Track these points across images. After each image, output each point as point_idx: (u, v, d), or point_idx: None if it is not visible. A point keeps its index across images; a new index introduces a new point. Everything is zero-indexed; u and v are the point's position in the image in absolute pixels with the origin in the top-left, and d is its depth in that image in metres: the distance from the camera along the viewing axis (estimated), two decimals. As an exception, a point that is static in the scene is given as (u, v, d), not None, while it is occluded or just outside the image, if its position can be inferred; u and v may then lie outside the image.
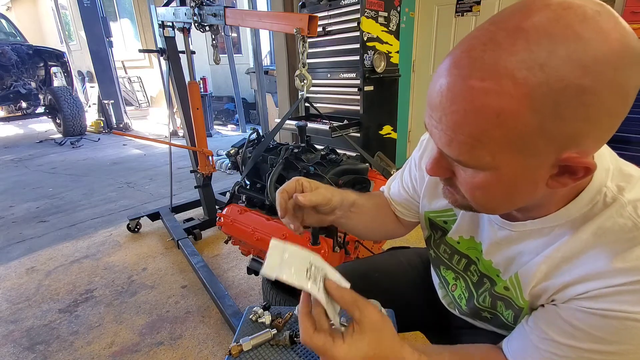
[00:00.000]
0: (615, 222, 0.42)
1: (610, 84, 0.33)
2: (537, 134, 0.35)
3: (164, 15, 1.94)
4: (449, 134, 0.39)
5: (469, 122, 0.37)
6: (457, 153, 0.40)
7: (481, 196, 0.44)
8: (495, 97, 0.34)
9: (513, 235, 0.53)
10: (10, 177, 3.74)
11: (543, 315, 0.47)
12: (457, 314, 0.73)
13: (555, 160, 0.38)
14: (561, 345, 0.44)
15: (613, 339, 0.41)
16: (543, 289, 0.48)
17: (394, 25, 2.28)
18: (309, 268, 0.50)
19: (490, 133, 0.36)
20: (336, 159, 1.30)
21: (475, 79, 0.35)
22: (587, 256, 0.44)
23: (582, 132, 0.35)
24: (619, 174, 0.45)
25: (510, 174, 0.39)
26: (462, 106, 0.36)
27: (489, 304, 0.59)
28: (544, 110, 0.34)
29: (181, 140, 4.51)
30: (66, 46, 7.82)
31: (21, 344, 1.46)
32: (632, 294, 0.39)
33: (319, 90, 2.53)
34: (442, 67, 0.39)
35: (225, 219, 1.41)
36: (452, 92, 0.37)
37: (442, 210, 0.68)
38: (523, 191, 0.42)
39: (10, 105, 6.05)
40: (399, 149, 2.89)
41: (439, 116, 0.39)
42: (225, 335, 1.47)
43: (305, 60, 1.36)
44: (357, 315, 0.46)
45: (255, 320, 0.72)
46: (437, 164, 0.46)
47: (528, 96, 0.33)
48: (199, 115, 2.09)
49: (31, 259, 2.12)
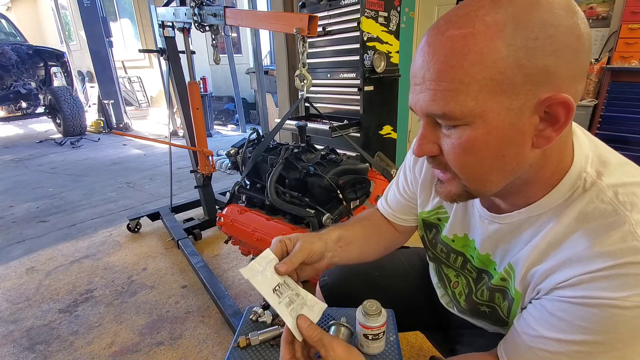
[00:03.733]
0: (597, 207, 0.44)
1: (564, 20, 0.38)
2: (515, 68, 0.38)
3: (164, 15, 1.94)
4: (433, 87, 0.41)
5: (451, 67, 0.39)
6: (442, 104, 0.41)
7: (471, 162, 0.44)
8: (471, 38, 0.38)
9: (503, 228, 0.54)
10: (10, 177, 3.74)
11: (531, 312, 0.48)
12: (456, 312, 0.73)
13: (536, 104, 0.40)
14: (550, 340, 0.44)
15: (597, 328, 0.41)
16: (531, 276, 0.49)
17: (394, 25, 2.27)
18: (282, 284, 0.55)
19: (471, 73, 0.39)
20: (336, 159, 1.30)
21: (452, 29, 0.40)
22: (570, 241, 0.45)
23: (551, 66, 0.38)
24: (597, 160, 0.47)
25: (496, 121, 0.41)
26: (442, 54, 0.40)
27: (487, 297, 0.60)
28: (517, 43, 0.37)
29: (181, 140, 4.51)
30: (66, 46, 7.83)
31: (21, 344, 1.46)
32: (609, 280, 0.40)
33: (319, 90, 2.53)
34: (422, 41, 0.43)
35: (225, 219, 1.41)
36: (433, 46, 0.41)
37: (436, 209, 0.69)
38: (512, 148, 0.43)
39: (10, 105, 6.05)
40: (399, 149, 2.89)
41: (422, 75, 0.42)
42: (225, 335, 1.47)
43: (305, 60, 1.36)
44: (323, 353, 0.50)
45: (256, 320, 0.72)
46: (424, 140, 0.47)
47: (501, 32, 0.37)
48: (199, 115, 2.09)
49: (31, 259, 2.11)
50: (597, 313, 0.40)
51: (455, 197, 0.50)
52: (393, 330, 0.69)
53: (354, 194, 1.26)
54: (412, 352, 1.36)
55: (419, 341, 1.40)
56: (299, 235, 0.63)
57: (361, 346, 0.64)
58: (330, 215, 1.13)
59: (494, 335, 0.66)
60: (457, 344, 0.75)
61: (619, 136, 2.46)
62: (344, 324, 0.64)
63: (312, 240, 0.63)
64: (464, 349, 0.71)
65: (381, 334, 0.62)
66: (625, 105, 2.42)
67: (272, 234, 1.25)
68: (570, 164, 0.47)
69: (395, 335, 0.68)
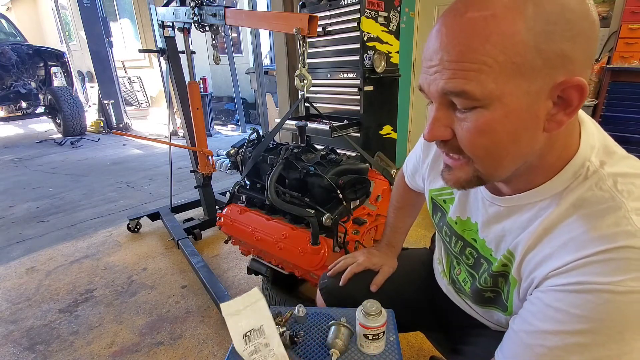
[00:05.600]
0: (594, 193, 0.44)
1: (580, 5, 0.39)
2: (534, 52, 0.38)
3: (164, 15, 1.94)
4: (454, 67, 0.40)
5: (473, 48, 0.39)
6: (463, 82, 0.40)
7: (487, 145, 0.43)
8: (492, 20, 0.38)
9: (502, 211, 0.54)
10: (10, 177, 3.74)
11: (528, 308, 0.48)
12: (464, 299, 0.72)
13: (552, 87, 0.40)
14: (548, 334, 0.43)
15: (591, 316, 0.39)
16: (527, 262, 0.49)
17: (394, 25, 2.27)
18: (256, 330, 0.57)
19: (493, 55, 0.38)
20: (336, 159, 1.30)
21: (472, 11, 0.39)
22: (564, 225, 0.45)
23: (568, 50, 0.38)
24: (603, 151, 0.47)
25: (514, 104, 0.40)
26: (464, 37, 0.39)
27: (491, 283, 0.59)
28: (537, 27, 0.37)
29: (181, 140, 4.51)
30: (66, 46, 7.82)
31: (21, 344, 1.46)
32: (602, 264, 0.39)
33: (319, 90, 2.53)
34: (437, 24, 0.43)
35: (225, 219, 1.41)
36: (452, 28, 0.40)
37: (442, 189, 0.70)
38: (527, 132, 0.42)
39: (10, 105, 6.05)
40: (399, 149, 2.89)
41: (439, 57, 0.41)
42: (225, 335, 1.47)
43: (305, 60, 1.35)
44: None
45: (255, 320, 0.71)
46: (437, 123, 0.46)
47: (521, 15, 0.37)
48: (199, 115, 2.09)
49: (31, 259, 2.12)
50: (591, 299, 0.39)
51: (464, 184, 0.50)
52: (393, 330, 0.69)
53: (354, 194, 1.26)
54: (412, 352, 1.36)
55: (419, 341, 1.40)
56: (382, 262, 0.88)
57: (361, 346, 0.64)
58: (330, 215, 1.13)
59: (498, 333, 0.65)
60: (461, 343, 0.74)
61: (619, 136, 2.46)
62: (344, 324, 0.64)
63: (393, 261, 0.92)
64: (468, 349, 0.71)
65: (381, 334, 0.62)
66: (625, 105, 2.42)
67: (272, 234, 1.25)
68: (575, 152, 0.47)
69: (395, 335, 0.68)
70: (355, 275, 0.85)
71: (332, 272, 0.87)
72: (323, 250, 1.12)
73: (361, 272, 0.86)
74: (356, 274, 0.85)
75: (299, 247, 1.16)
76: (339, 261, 0.89)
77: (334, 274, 0.87)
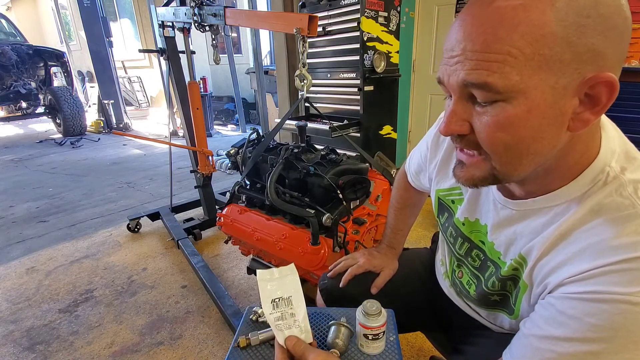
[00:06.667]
0: (614, 200, 0.42)
1: (614, 1, 0.37)
2: (564, 45, 0.36)
3: (164, 15, 1.94)
4: (476, 57, 0.39)
5: (499, 38, 0.37)
6: (485, 74, 0.38)
7: (507, 139, 0.41)
8: (522, 10, 0.36)
9: (514, 214, 0.53)
10: (10, 177, 3.74)
11: (540, 312, 0.47)
12: (466, 302, 0.72)
13: (580, 83, 0.38)
14: (559, 340, 0.42)
15: (606, 325, 0.38)
16: (540, 267, 0.48)
17: (394, 25, 2.27)
18: (284, 298, 0.59)
19: (520, 45, 0.37)
20: (336, 159, 1.30)
21: (501, 1, 0.37)
22: (581, 231, 0.43)
23: (600, 46, 0.37)
24: (624, 157, 0.45)
25: (539, 99, 0.39)
26: (490, 26, 0.38)
27: (499, 286, 0.58)
28: (568, 19, 0.36)
29: (181, 140, 4.51)
30: (66, 46, 7.83)
31: (21, 344, 1.46)
32: (620, 274, 0.38)
33: (319, 90, 2.53)
34: (460, 15, 0.41)
35: (225, 219, 1.41)
36: (478, 17, 0.39)
37: (451, 189, 0.68)
38: (551, 130, 0.41)
39: (10, 105, 6.05)
40: (399, 149, 2.88)
41: (462, 47, 0.40)
42: (225, 335, 1.47)
43: (305, 60, 1.35)
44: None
45: (256, 320, 0.71)
46: (454, 117, 0.44)
47: (552, 6, 0.36)
48: (199, 115, 2.09)
49: (31, 259, 2.11)
50: (607, 309, 0.38)
51: (478, 182, 0.48)
52: (393, 330, 0.68)
53: (354, 194, 1.26)
54: (412, 352, 1.36)
55: (419, 341, 1.40)
56: (383, 264, 0.88)
57: (361, 346, 0.64)
58: (330, 215, 1.13)
59: (499, 334, 0.65)
60: (461, 343, 0.74)
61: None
62: (344, 324, 0.64)
63: (394, 264, 0.91)
64: (469, 348, 0.71)
65: (381, 334, 0.62)
66: (626, 105, 2.42)
67: (272, 234, 1.25)
68: (595, 156, 0.45)
69: (395, 335, 0.68)
70: (356, 277, 0.85)
71: (333, 273, 0.87)
72: (323, 250, 1.12)
73: (362, 274, 0.86)
74: (356, 275, 0.85)
75: (299, 247, 1.17)
76: (339, 262, 0.89)
77: (334, 275, 0.86)
